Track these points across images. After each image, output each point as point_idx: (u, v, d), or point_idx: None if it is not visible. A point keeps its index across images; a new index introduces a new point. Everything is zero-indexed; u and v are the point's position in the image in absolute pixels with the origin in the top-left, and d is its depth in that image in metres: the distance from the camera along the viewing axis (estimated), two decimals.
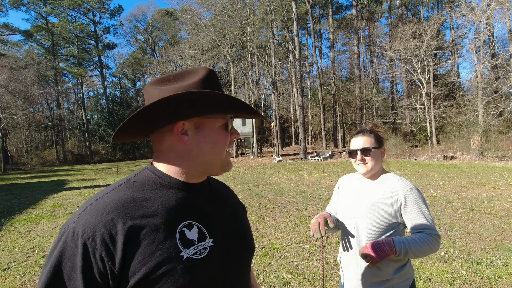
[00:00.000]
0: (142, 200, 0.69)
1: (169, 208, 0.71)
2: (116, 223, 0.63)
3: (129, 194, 0.69)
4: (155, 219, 0.68)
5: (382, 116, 29.68)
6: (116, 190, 0.70)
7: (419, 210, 1.41)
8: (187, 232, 0.71)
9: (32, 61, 35.18)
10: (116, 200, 0.67)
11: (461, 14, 20.70)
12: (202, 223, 0.74)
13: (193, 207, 0.76)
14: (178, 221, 0.71)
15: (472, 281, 3.25)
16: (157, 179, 0.74)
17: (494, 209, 6.11)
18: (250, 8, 25.54)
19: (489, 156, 15.69)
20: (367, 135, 1.57)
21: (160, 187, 0.73)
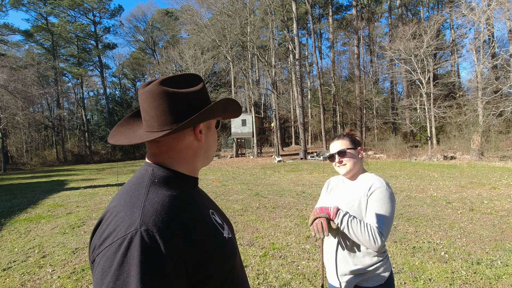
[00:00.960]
0: (179, 198, 0.73)
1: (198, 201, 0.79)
2: (183, 218, 0.68)
3: (168, 192, 0.72)
4: (200, 212, 0.76)
5: (382, 116, 29.68)
6: (152, 194, 0.69)
7: (377, 206, 1.48)
8: (214, 218, 0.80)
9: (32, 61, 35.16)
10: (166, 199, 0.69)
11: (461, 14, 20.70)
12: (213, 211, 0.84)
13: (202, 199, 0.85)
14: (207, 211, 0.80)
15: (472, 281, 3.25)
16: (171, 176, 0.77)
17: (494, 209, 6.11)
18: (250, 8, 25.52)
19: (489, 156, 15.69)
20: (342, 138, 1.69)
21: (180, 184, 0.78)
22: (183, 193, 0.75)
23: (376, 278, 1.50)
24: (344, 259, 1.54)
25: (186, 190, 0.78)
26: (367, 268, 1.50)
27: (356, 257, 1.52)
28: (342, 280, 1.56)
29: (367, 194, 1.52)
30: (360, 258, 1.51)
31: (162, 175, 0.75)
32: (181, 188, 0.77)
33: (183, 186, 0.78)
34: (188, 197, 0.76)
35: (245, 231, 5.30)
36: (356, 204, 1.53)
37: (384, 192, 1.49)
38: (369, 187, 1.53)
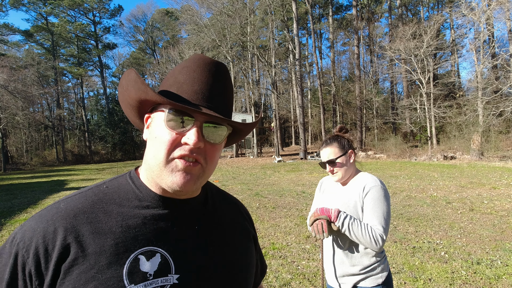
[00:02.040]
0: (100, 212, 0.58)
1: (129, 227, 0.57)
2: (57, 235, 0.53)
3: (89, 203, 0.58)
4: (105, 239, 0.55)
5: (382, 116, 29.67)
6: (80, 195, 0.60)
7: (374, 206, 1.48)
8: (143, 262, 0.55)
9: (32, 61, 35.16)
10: (71, 208, 0.57)
11: (461, 14, 20.70)
12: (170, 252, 0.59)
13: (168, 229, 0.61)
14: (136, 245, 0.56)
15: (472, 281, 3.25)
16: (132, 188, 0.63)
17: (494, 209, 6.11)
18: (250, 8, 25.53)
19: (489, 156, 15.68)
20: (330, 145, 1.64)
21: (133, 199, 0.62)
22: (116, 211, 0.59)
23: (375, 278, 1.50)
24: (342, 260, 1.55)
25: (133, 211, 0.60)
26: (365, 269, 1.50)
27: (354, 257, 1.52)
28: (341, 282, 1.56)
29: (362, 195, 1.51)
30: (358, 259, 1.51)
31: (120, 183, 0.65)
32: (132, 205, 0.61)
33: (138, 204, 0.62)
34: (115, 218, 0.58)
35: None
36: (351, 204, 1.54)
37: (379, 191, 1.48)
38: (364, 187, 1.52)
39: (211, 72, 0.63)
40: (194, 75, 0.61)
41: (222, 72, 0.65)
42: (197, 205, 0.69)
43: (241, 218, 0.79)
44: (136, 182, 0.65)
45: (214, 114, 0.58)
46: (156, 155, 0.59)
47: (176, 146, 0.59)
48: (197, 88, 0.61)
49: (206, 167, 0.62)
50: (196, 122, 0.59)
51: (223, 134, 0.64)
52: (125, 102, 0.66)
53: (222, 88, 0.64)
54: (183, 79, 0.62)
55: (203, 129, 0.60)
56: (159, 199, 0.63)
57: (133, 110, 0.67)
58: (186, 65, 0.63)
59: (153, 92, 0.57)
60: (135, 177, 0.66)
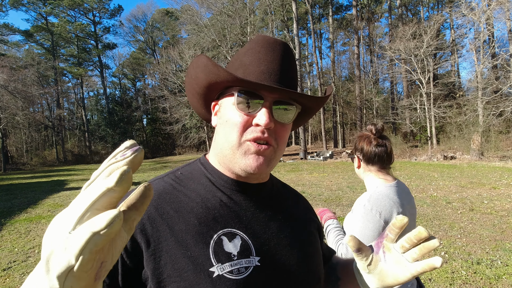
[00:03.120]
0: (181, 194, 0.60)
1: (208, 209, 0.59)
2: (148, 210, 0.56)
3: (169, 185, 0.62)
4: (188, 218, 0.57)
5: (382, 116, 29.66)
6: (158, 181, 0.63)
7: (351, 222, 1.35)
8: (226, 243, 0.57)
9: (32, 61, 35.17)
10: (155, 190, 0.59)
11: (461, 14, 20.70)
12: (250, 235, 0.60)
13: (242, 212, 0.63)
14: (218, 226, 0.58)
15: (472, 281, 3.25)
16: (204, 173, 0.66)
17: (494, 209, 6.11)
18: (250, 8, 25.53)
19: (489, 156, 15.68)
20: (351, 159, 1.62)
21: (207, 183, 0.64)
22: (195, 193, 0.62)
23: None
24: None
25: (211, 193, 0.63)
26: None
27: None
28: None
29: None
30: None
31: (193, 169, 0.68)
32: (209, 188, 0.64)
33: (212, 187, 0.64)
34: (195, 199, 0.60)
35: None
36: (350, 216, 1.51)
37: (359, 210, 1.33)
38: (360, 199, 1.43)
39: (276, 52, 0.63)
40: (259, 56, 0.62)
41: (286, 50, 0.65)
42: (267, 190, 0.70)
43: (305, 209, 0.81)
44: (208, 167, 0.67)
45: (284, 88, 0.59)
46: (229, 138, 0.61)
47: (248, 128, 0.60)
48: (263, 68, 0.61)
49: (277, 148, 0.63)
50: (265, 103, 0.60)
51: (293, 113, 0.64)
52: (193, 91, 0.68)
53: (288, 66, 0.64)
54: (249, 61, 0.62)
55: (273, 110, 0.61)
56: (232, 182, 0.64)
57: (201, 99, 0.69)
58: (250, 47, 0.64)
59: (225, 71, 0.57)
60: (206, 163, 0.68)
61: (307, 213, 0.80)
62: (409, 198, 1.43)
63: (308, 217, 0.79)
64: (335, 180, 11.00)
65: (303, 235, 0.71)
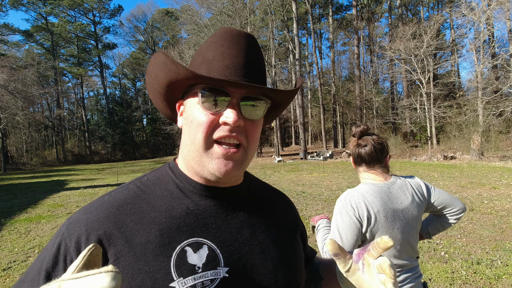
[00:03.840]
0: (144, 203, 0.56)
1: (173, 218, 0.55)
2: (101, 225, 0.52)
3: (132, 194, 0.58)
4: (150, 229, 0.53)
5: (382, 116, 29.67)
6: (122, 188, 0.60)
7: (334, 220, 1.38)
8: (190, 254, 0.52)
9: (32, 61, 35.18)
10: (114, 199, 0.56)
11: (461, 14, 20.70)
12: (218, 244, 0.56)
13: (211, 220, 0.58)
14: (183, 236, 0.54)
15: (472, 281, 3.25)
16: (172, 178, 0.62)
17: (494, 209, 6.11)
18: (250, 8, 25.53)
19: (489, 156, 15.68)
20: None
21: (174, 190, 0.60)
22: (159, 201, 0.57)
23: None
24: None
25: (177, 201, 0.58)
26: None
27: None
28: None
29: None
30: None
31: (161, 174, 0.64)
32: (175, 195, 0.59)
33: (180, 194, 0.60)
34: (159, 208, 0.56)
35: None
36: None
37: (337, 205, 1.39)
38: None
39: (240, 44, 0.58)
40: (223, 50, 0.57)
41: (252, 42, 0.60)
42: (241, 193, 0.65)
43: (287, 210, 0.76)
44: (176, 172, 0.62)
45: (251, 84, 0.55)
46: (194, 140, 0.56)
47: (215, 127, 0.56)
48: (228, 63, 0.56)
49: (248, 146, 0.59)
50: (233, 99, 0.56)
51: (262, 109, 0.60)
52: (155, 91, 0.63)
53: (254, 59, 0.60)
54: (212, 56, 0.57)
55: (241, 107, 0.56)
56: (200, 188, 0.60)
57: (164, 99, 0.64)
58: (213, 40, 0.59)
59: (184, 69, 0.53)
60: (175, 167, 0.64)
61: (288, 214, 0.74)
62: (399, 200, 1.40)
63: (289, 219, 0.74)
64: (335, 180, 11.00)
65: (281, 240, 0.66)
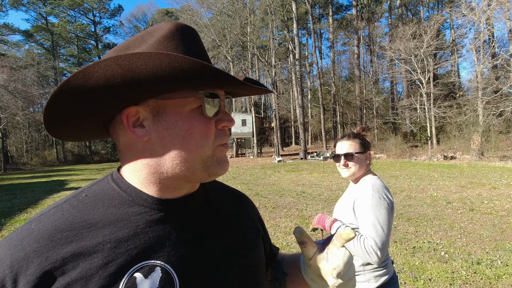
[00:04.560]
0: (83, 227, 0.47)
1: (119, 241, 0.47)
2: (29, 263, 0.42)
3: (68, 217, 0.47)
4: (91, 259, 0.44)
5: (382, 116, 29.68)
6: (55, 210, 0.49)
7: (364, 216, 1.37)
8: (140, 280, 0.46)
9: (32, 61, 35.20)
10: (44, 227, 0.46)
11: (461, 14, 20.71)
12: (172, 264, 0.49)
13: (166, 236, 0.51)
14: (131, 261, 0.46)
15: (472, 281, 3.25)
16: (118, 192, 0.52)
17: (494, 209, 6.11)
18: (250, 8, 25.53)
19: (489, 156, 15.68)
20: (352, 139, 1.55)
21: (120, 205, 0.51)
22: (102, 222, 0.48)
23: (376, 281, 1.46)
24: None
25: (123, 219, 0.50)
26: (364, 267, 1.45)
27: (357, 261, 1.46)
28: None
29: (357, 199, 1.43)
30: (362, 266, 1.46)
31: (103, 188, 0.53)
32: (121, 213, 0.50)
33: (127, 210, 0.51)
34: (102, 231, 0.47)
35: None
36: (350, 208, 1.47)
37: (368, 200, 1.37)
38: (361, 191, 1.44)
39: (196, 38, 0.52)
40: (183, 50, 0.49)
41: (195, 33, 0.53)
42: (197, 202, 0.58)
43: (247, 212, 0.70)
44: (122, 184, 0.53)
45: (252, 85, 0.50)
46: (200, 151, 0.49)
47: (216, 133, 0.51)
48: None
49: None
50: (221, 101, 0.52)
51: (231, 104, 0.59)
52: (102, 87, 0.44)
53: (205, 51, 0.54)
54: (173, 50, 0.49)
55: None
56: (153, 201, 0.52)
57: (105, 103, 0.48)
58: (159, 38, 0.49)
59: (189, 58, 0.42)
60: (120, 179, 0.54)
61: (250, 215, 0.70)
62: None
63: (250, 219, 0.69)
64: (335, 180, 11.00)
65: (245, 247, 0.61)
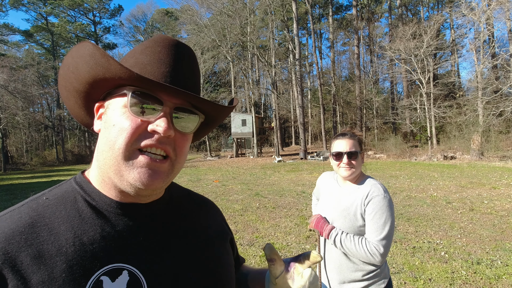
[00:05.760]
0: (43, 230, 0.45)
1: (84, 244, 0.46)
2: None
3: (27, 219, 0.46)
4: (54, 263, 0.43)
5: (382, 116, 29.68)
6: (12, 213, 0.48)
7: (374, 217, 1.40)
8: (107, 284, 0.45)
9: (32, 61, 35.19)
10: (2, 229, 0.44)
11: (461, 14, 20.71)
12: (139, 267, 0.49)
13: (131, 240, 0.51)
14: (97, 264, 0.46)
15: (472, 281, 3.25)
16: (82, 195, 0.52)
17: (494, 209, 6.11)
18: (250, 8, 25.53)
19: (489, 156, 15.68)
20: (352, 138, 1.55)
21: (83, 209, 0.50)
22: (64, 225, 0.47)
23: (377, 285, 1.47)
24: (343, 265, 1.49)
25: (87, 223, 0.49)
26: (367, 275, 1.45)
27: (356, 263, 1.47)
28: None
29: (364, 203, 1.43)
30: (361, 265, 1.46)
31: (65, 190, 0.54)
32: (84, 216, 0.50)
33: (91, 215, 0.51)
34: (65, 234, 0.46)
35: (245, 231, 5.30)
36: (352, 212, 1.46)
37: (381, 201, 1.40)
38: (367, 195, 1.44)
39: (179, 54, 0.55)
40: (159, 56, 0.52)
41: (190, 54, 0.57)
42: (163, 208, 0.59)
43: (214, 219, 0.71)
44: (86, 187, 0.53)
45: (191, 93, 0.50)
46: (114, 145, 0.49)
47: (141, 135, 0.50)
48: (164, 70, 0.52)
49: (176, 160, 0.54)
50: (165, 108, 0.51)
51: (196, 122, 0.56)
52: (70, 87, 0.54)
53: (191, 71, 0.56)
54: (147, 60, 0.52)
55: (173, 118, 0.52)
56: (117, 206, 0.52)
57: (80, 98, 0.55)
58: (149, 45, 0.54)
59: (118, 65, 0.46)
60: (84, 182, 0.54)
61: (215, 221, 0.70)
62: None
63: (216, 227, 0.69)
64: None
65: (210, 253, 0.62)
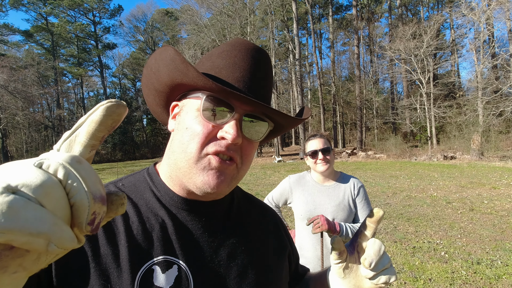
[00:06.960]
0: None
1: (144, 231, 0.49)
2: None
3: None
4: (118, 240, 0.47)
5: (382, 116, 29.68)
6: None
7: (365, 204, 1.74)
8: (158, 274, 0.47)
9: (32, 61, 35.18)
10: None
11: (461, 14, 20.71)
12: (190, 264, 0.50)
13: (187, 236, 0.53)
14: (153, 252, 0.48)
15: (472, 281, 3.25)
16: (150, 186, 0.56)
17: (494, 209, 6.11)
18: (250, 8, 25.53)
19: (489, 156, 15.67)
20: (323, 138, 1.77)
21: (150, 199, 0.54)
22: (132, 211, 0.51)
23: None
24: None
25: (151, 212, 0.52)
26: None
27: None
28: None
29: (354, 193, 1.73)
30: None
31: (138, 180, 0.58)
32: (150, 207, 0.53)
33: (155, 205, 0.54)
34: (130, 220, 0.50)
35: None
36: (346, 204, 1.70)
37: (364, 190, 1.76)
38: (353, 186, 1.73)
39: (254, 59, 0.55)
40: (235, 60, 0.53)
41: (265, 60, 0.57)
42: (223, 209, 0.60)
43: (276, 230, 0.69)
44: (155, 180, 0.57)
45: (260, 103, 0.50)
46: (186, 149, 0.51)
47: (211, 140, 0.51)
48: (238, 75, 0.53)
49: (241, 167, 0.54)
50: (235, 114, 0.51)
51: (264, 131, 0.56)
52: (150, 86, 0.58)
53: (265, 77, 0.57)
54: (223, 64, 0.53)
55: (242, 124, 0.52)
56: (180, 201, 0.54)
57: (158, 97, 0.58)
58: (226, 49, 0.55)
59: (195, 72, 0.47)
60: (154, 174, 0.58)
61: (277, 234, 0.68)
62: None
63: (276, 239, 0.67)
64: None
65: (263, 263, 0.60)
